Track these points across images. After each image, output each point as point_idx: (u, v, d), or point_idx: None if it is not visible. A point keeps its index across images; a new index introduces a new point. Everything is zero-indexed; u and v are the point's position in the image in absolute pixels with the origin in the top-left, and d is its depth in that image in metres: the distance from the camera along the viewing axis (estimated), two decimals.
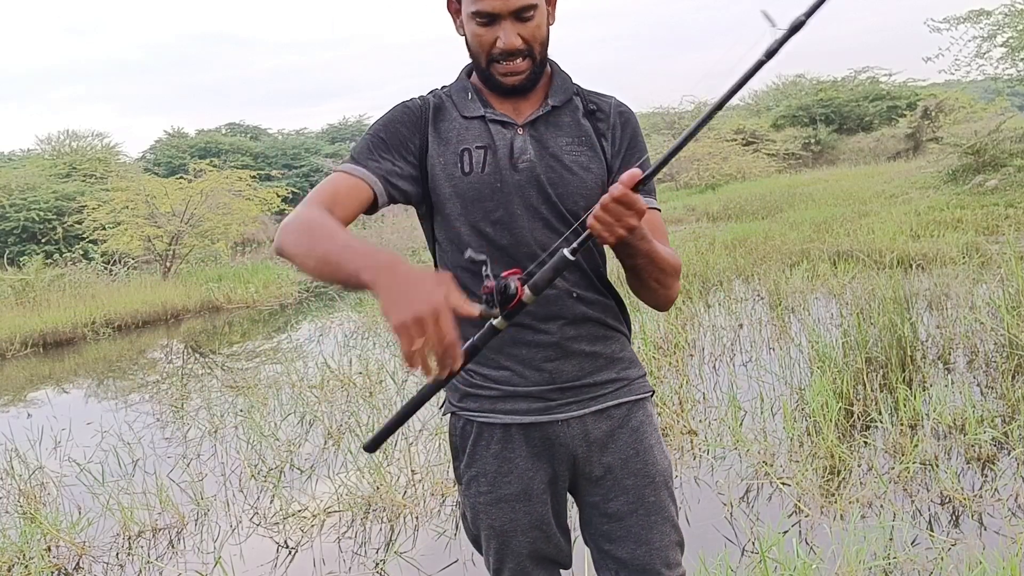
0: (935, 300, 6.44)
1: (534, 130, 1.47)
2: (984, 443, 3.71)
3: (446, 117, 1.49)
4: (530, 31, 1.39)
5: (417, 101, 1.51)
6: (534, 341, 1.47)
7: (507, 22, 1.37)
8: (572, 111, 1.50)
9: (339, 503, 3.96)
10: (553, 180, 1.45)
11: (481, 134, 1.46)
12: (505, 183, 1.44)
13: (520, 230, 1.44)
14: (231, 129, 39.82)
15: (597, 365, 1.52)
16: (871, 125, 30.62)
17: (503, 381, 1.49)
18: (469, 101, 1.49)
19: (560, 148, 1.46)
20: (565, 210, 1.46)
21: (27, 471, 4.74)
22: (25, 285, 13.23)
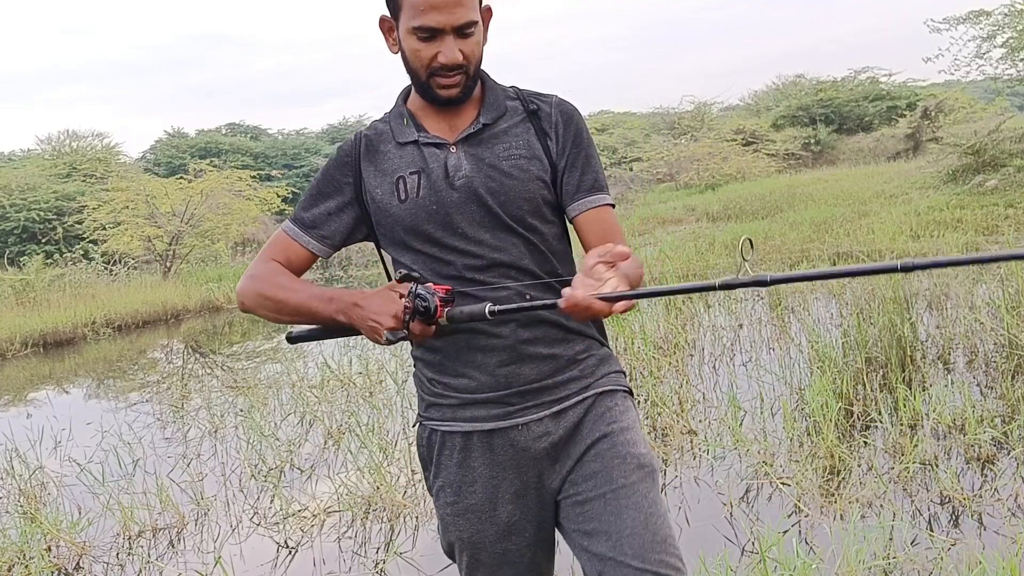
0: (935, 300, 6.44)
1: (468, 146, 1.46)
2: (984, 443, 3.71)
3: (381, 148, 1.51)
4: (470, 47, 1.40)
5: (350, 141, 1.55)
6: (488, 346, 1.45)
7: (449, 37, 1.37)
8: (509, 118, 1.50)
9: (339, 503, 3.97)
10: (493, 189, 1.44)
11: (415, 159, 1.47)
12: (442, 203, 1.44)
13: (466, 243, 1.44)
14: (231, 129, 39.84)
15: (557, 366, 1.48)
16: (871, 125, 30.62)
17: (462, 388, 1.48)
18: (404, 127, 1.49)
19: (497, 156, 1.46)
20: (508, 217, 1.45)
21: (27, 471, 4.74)
22: (25, 285, 13.23)
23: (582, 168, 1.50)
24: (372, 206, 1.49)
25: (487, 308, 1.30)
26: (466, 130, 1.47)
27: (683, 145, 26.96)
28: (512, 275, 1.45)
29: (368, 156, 1.51)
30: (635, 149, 31.42)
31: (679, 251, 10.26)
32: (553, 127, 1.50)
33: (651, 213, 18.41)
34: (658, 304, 7.28)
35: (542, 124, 1.50)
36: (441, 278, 1.45)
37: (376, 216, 1.49)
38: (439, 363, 1.50)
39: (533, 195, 1.46)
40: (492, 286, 1.44)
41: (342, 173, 1.52)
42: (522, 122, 1.50)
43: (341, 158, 1.53)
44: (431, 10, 1.34)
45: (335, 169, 1.53)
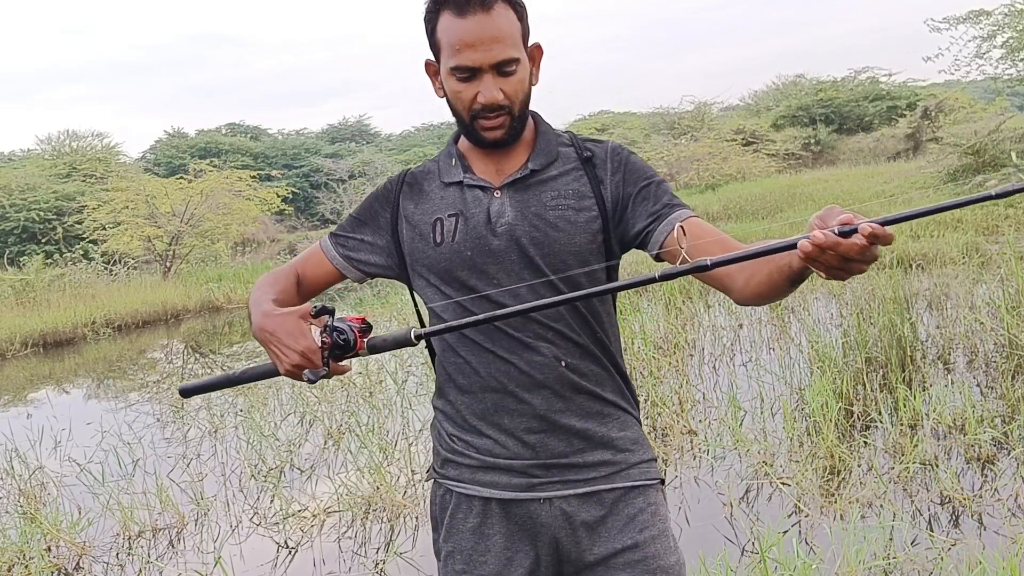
0: (935, 300, 6.44)
1: (513, 191, 1.38)
2: (984, 443, 3.71)
3: (425, 187, 1.45)
4: (512, 86, 1.32)
5: (396, 177, 1.51)
6: (518, 410, 1.36)
7: (488, 76, 1.30)
8: (560, 164, 1.41)
9: (339, 503, 3.97)
10: (536, 240, 1.35)
11: (455, 201, 1.40)
12: (480, 250, 1.36)
13: (501, 296, 1.35)
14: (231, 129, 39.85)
15: (588, 444, 1.38)
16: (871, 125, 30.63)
17: (484, 450, 1.39)
18: (452, 167, 1.43)
19: (543, 205, 1.37)
20: (551, 270, 1.35)
21: (27, 471, 4.74)
22: (25, 285, 13.23)
23: (654, 196, 1.38)
24: (406, 246, 1.43)
25: (412, 332, 1.23)
26: (513, 175, 1.39)
27: (683, 145, 26.95)
28: (548, 336, 1.36)
29: (410, 194, 1.46)
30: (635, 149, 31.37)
31: None
32: (608, 171, 1.41)
33: None
34: (658, 304, 7.29)
35: (596, 171, 1.41)
36: (472, 332, 1.37)
37: (410, 256, 1.43)
38: (462, 419, 1.41)
39: (580, 248, 1.36)
40: (527, 347, 1.35)
41: (381, 206, 1.47)
42: (574, 169, 1.41)
43: (383, 191, 1.49)
44: (466, 48, 1.28)
45: (376, 200, 1.49)
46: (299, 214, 32.42)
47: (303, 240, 26.54)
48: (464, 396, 1.40)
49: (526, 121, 1.40)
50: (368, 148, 39.64)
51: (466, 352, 1.39)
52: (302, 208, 32.59)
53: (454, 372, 1.41)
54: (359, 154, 36.62)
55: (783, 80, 35.18)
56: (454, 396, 1.42)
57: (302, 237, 27.92)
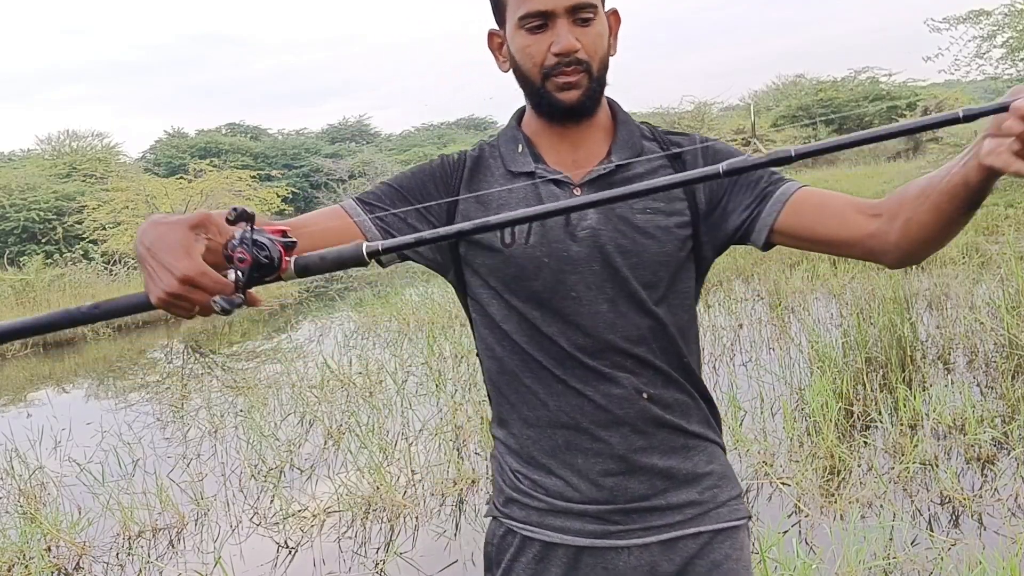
0: (935, 300, 6.44)
1: (595, 189, 1.18)
2: (984, 443, 3.71)
3: (488, 174, 1.25)
4: (590, 39, 1.15)
5: (454, 156, 1.29)
6: (593, 449, 1.20)
7: (563, 21, 1.14)
8: (646, 162, 1.23)
9: (339, 503, 3.96)
10: (624, 248, 1.18)
11: (527, 196, 1.21)
12: (557, 257, 1.18)
13: (577, 315, 1.18)
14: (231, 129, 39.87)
15: (672, 484, 1.22)
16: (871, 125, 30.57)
17: (554, 492, 1.22)
18: (518, 154, 1.24)
19: (630, 208, 1.19)
20: (639, 284, 1.18)
21: (27, 471, 4.74)
22: (25, 285, 13.23)
23: (751, 183, 1.20)
24: (464, 244, 1.23)
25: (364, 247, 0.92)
26: (595, 170, 1.21)
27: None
28: (628, 365, 1.19)
29: (471, 182, 1.25)
30: None
31: None
32: (702, 166, 1.20)
33: None
34: None
35: (685, 167, 1.22)
36: (539, 355, 1.20)
37: (469, 256, 1.23)
38: (528, 455, 1.24)
39: (670, 258, 1.20)
40: (604, 378, 1.19)
41: (436, 188, 1.24)
42: (661, 167, 1.23)
43: (440, 172, 1.26)
44: None
45: (430, 180, 1.25)
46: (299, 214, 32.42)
47: None
48: (530, 430, 1.23)
49: (603, 89, 1.21)
50: (368, 148, 39.65)
51: (532, 380, 1.22)
52: (302, 208, 32.57)
53: (517, 401, 1.24)
54: (359, 154, 36.62)
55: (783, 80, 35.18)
56: (519, 429, 1.24)
57: None
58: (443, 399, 5.47)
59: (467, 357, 6.54)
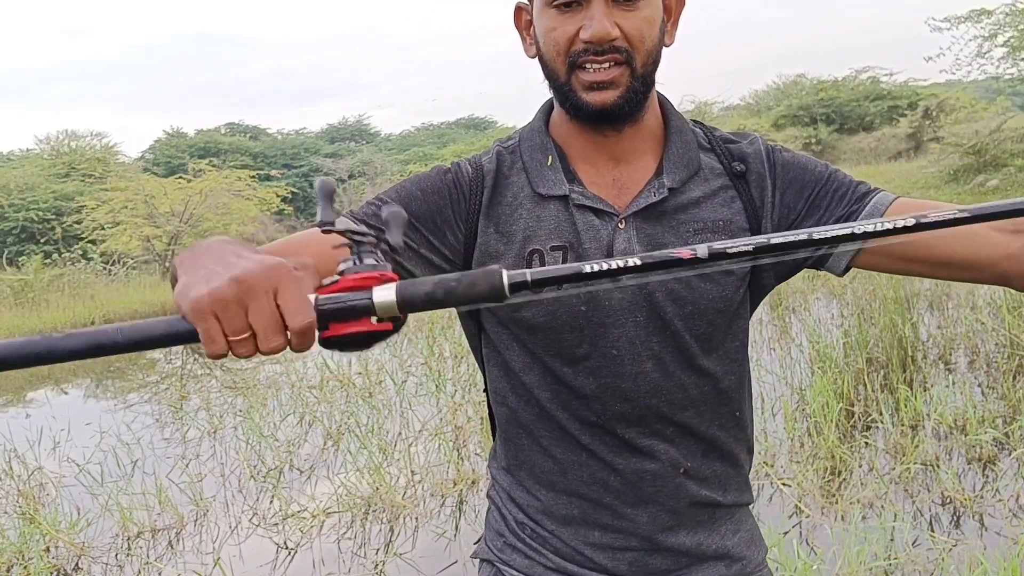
0: (936, 300, 6.43)
1: (641, 221, 0.98)
2: (985, 443, 3.70)
3: (509, 192, 1.01)
4: (634, 24, 0.92)
5: (468, 170, 1.02)
6: (613, 527, 1.04)
7: (599, 4, 0.91)
8: (703, 180, 1.01)
9: (338, 504, 3.95)
10: (677, 295, 0.98)
11: (561, 226, 0.98)
12: (597, 306, 0.97)
13: (616, 375, 0.99)
14: (230, 129, 39.86)
15: (698, 560, 1.07)
16: (872, 125, 30.61)
17: (565, 555, 1.07)
18: (547, 168, 1.00)
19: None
20: (692, 338, 0.99)
21: (26, 472, 4.73)
22: (24, 285, 13.22)
23: (832, 197, 1.00)
24: None
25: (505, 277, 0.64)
26: (642, 195, 0.98)
27: None
28: (668, 434, 1.01)
29: (490, 207, 1.01)
30: None
31: None
32: (769, 190, 1.01)
33: None
34: None
35: (752, 191, 1.01)
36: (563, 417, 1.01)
37: None
38: (537, 516, 1.07)
39: (729, 303, 1.00)
40: (637, 450, 1.01)
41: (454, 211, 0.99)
42: (723, 189, 1.01)
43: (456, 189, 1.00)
44: None
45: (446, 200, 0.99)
46: (298, 214, 32.41)
47: None
48: (542, 491, 1.06)
49: (650, 90, 0.98)
50: (368, 148, 39.65)
51: (550, 442, 1.03)
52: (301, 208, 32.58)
53: (529, 460, 1.06)
54: (359, 154, 36.62)
55: (784, 80, 35.17)
56: (529, 484, 1.08)
57: None
58: (443, 399, 5.46)
59: (467, 357, 6.53)
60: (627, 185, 1.00)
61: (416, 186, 1.01)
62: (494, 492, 1.14)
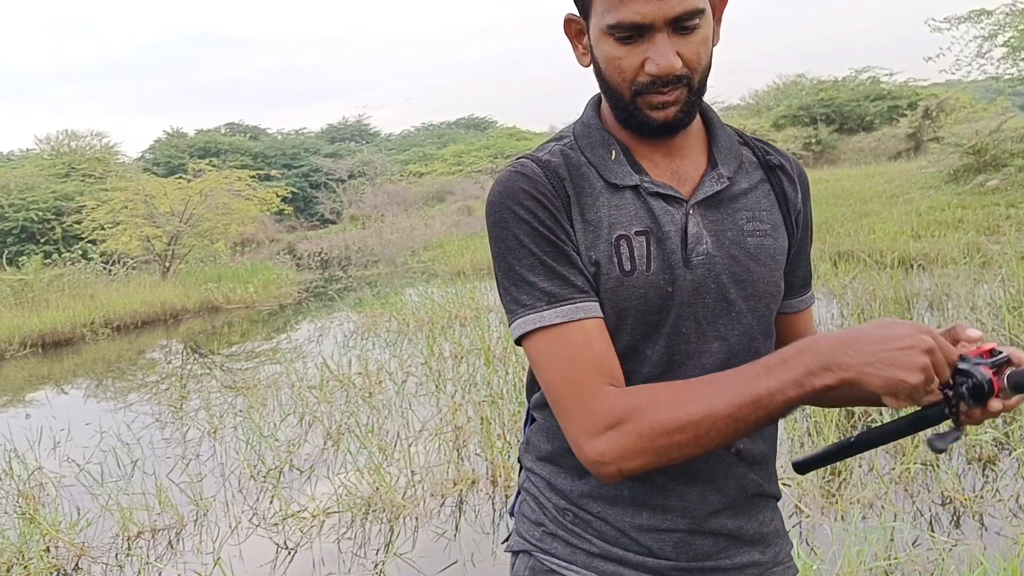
0: (936, 300, 6.43)
1: (705, 209, 1.04)
2: (985, 443, 3.70)
3: (585, 183, 1.03)
4: (693, 49, 0.96)
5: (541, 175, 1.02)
6: (661, 507, 1.05)
7: (661, 36, 0.94)
8: (746, 174, 1.08)
9: (338, 504, 3.95)
10: (739, 277, 1.03)
11: (639, 212, 1.01)
12: (678, 286, 1.01)
13: (685, 354, 1.02)
14: (230, 129, 39.85)
15: (736, 544, 1.09)
16: (872, 125, 30.62)
17: (609, 539, 1.07)
18: (612, 162, 1.03)
19: (740, 230, 1.04)
20: (753, 319, 1.05)
21: (26, 472, 4.73)
22: (24, 285, 13.21)
23: (808, 256, 1.16)
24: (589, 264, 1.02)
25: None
26: (706, 184, 1.04)
27: None
28: None
29: (577, 196, 1.02)
30: None
31: None
32: (798, 192, 1.12)
33: None
34: None
35: (785, 190, 1.10)
36: None
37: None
38: (582, 500, 1.08)
39: (779, 291, 1.08)
40: None
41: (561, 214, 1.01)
42: (761, 182, 1.09)
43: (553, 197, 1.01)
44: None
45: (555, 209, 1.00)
46: (298, 214, 32.42)
47: (302, 240, 26.53)
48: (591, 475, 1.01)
49: (701, 100, 1.04)
50: (368, 148, 39.65)
51: None
52: (301, 208, 32.59)
53: None
54: (359, 154, 36.62)
55: (784, 80, 35.18)
56: (576, 469, 1.07)
57: (301, 237, 27.91)
58: (443, 399, 5.46)
59: (467, 357, 6.53)
60: (684, 177, 1.05)
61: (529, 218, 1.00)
62: (529, 483, 1.14)
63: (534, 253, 0.99)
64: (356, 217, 29.00)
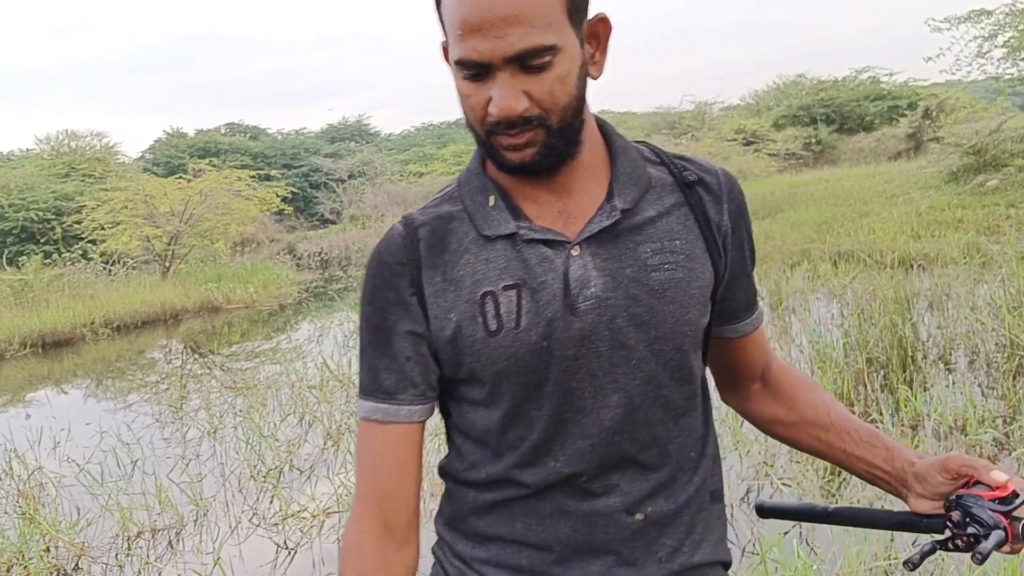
0: (936, 300, 6.43)
1: (596, 246, 0.92)
2: (985, 444, 3.70)
3: (452, 244, 0.95)
4: (544, 87, 0.85)
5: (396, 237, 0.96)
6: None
7: (503, 74, 0.85)
8: (656, 198, 0.96)
9: (338, 504, 3.95)
10: (640, 319, 0.91)
11: (511, 264, 0.92)
12: (557, 339, 0.90)
13: (577, 411, 0.92)
14: (230, 129, 39.86)
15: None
16: (872, 125, 30.63)
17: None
18: (490, 209, 0.94)
19: (642, 265, 0.92)
20: (659, 366, 0.93)
21: (26, 472, 4.73)
22: (24, 285, 13.22)
23: (749, 275, 1.05)
24: (439, 337, 0.94)
25: None
26: (595, 220, 0.92)
27: (683, 145, 26.96)
28: (629, 474, 0.94)
29: (432, 257, 0.94)
30: None
31: None
32: (725, 211, 0.98)
33: None
34: None
35: (707, 209, 0.97)
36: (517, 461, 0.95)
37: (445, 354, 0.94)
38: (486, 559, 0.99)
39: (695, 329, 0.96)
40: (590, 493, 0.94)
41: (396, 291, 0.94)
42: (676, 206, 0.96)
43: (388, 270, 0.95)
44: (470, 34, 0.83)
45: (383, 290, 0.95)
46: (298, 214, 32.42)
47: (302, 240, 26.54)
48: (489, 540, 0.97)
49: (577, 136, 0.92)
50: (368, 148, 39.65)
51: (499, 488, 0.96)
52: (301, 208, 32.59)
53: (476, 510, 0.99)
54: (359, 154, 36.63)
55: (784, 80, 35.20)
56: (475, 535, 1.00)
57: (301, 237, 27.92)
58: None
59: None
60: (576, 214, 0.94)
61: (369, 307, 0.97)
62: (438, 547, 1.06)
63: (369, 337, 0.96)
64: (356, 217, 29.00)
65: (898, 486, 1.07)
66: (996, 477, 0.92)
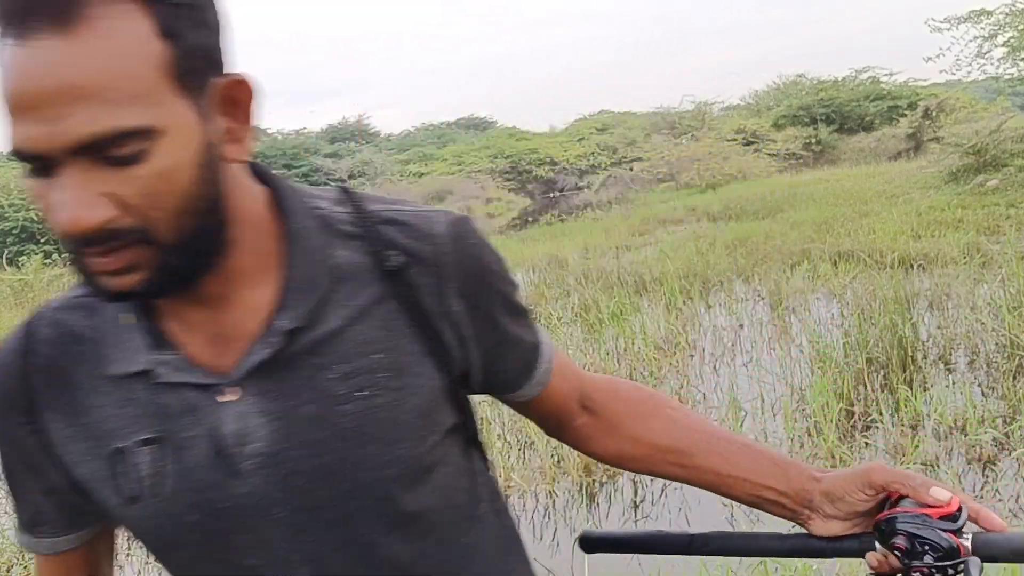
0: (936, 300, 6.43)
1: (260, 382, 0.68)
2: (985, 444, 3.71)
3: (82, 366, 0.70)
4: (136, 188, 0.59)
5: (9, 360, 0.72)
6: None
7: (70, 171, 0.58)
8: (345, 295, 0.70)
9: None
10: (330, 470, 0.68)
11: (147, 411, 0.68)
12: (212, 512, 0.68)
13: None
14: None
15: None
16: (872, 125, 30.65)
17: None
18: (120, 333, 0.70)
19: (325, 397, 0.69)
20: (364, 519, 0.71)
21: None
22: (24, 285, 13.23)
23: (518, 336, 0.80)
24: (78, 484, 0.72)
25: None
26: (255, 349, 0.68)
27: (683, 145, 26.98)
28: None
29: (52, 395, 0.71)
30: (635, 149, 31.47)
31: (680, 251, 10.25)
32: (456, 294, 0.73)
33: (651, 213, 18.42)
34: (658, 304, 7.28)
35: (421, 299, 0.72)
36: None
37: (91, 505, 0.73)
38: None
39: (410, 466, 0.71)
40: None
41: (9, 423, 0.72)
42: (377, 302, 0.71)
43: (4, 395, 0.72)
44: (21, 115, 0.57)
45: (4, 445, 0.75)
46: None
47: None
48: None
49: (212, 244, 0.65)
50: (368, 148, 39.68)
51: None
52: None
53: None
54: (359, 154, 36.66)
55: (784, 80, 35.22)
56: None
57: None
58: None
59: None
60: (235, 337, 0.69)
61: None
62: None
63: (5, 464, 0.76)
64: None
65: (797, 508, 0.86)
66: (939, 495, 0.75)
